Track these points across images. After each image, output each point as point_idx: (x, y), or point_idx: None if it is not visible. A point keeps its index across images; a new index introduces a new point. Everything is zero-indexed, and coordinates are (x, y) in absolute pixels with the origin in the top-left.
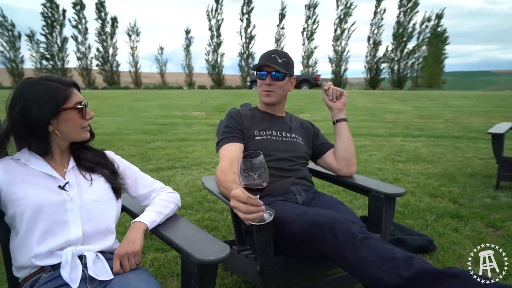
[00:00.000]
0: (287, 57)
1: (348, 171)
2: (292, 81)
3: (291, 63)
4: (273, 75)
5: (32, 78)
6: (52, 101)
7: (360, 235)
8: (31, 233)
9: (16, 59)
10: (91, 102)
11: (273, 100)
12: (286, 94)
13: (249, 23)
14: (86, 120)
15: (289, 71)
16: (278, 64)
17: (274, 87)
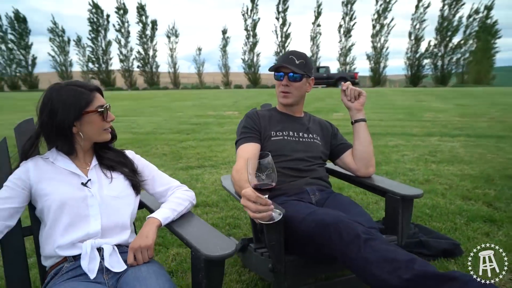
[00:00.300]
0: (305, 58)
1: (366, 171)
2: (310, 82)
3: (309, 64)
4: (290, 76)
5: (59, 83)
6: (76, 105)
7: (364, 236)
8: (56, 225)
9: (65, 63)
10: (131, 102)
11: (290, 101)
12: (304, 95)
13: (285, 22)
14: (107, 123)
15: (306, 72)
16: (296, 65)
17: (291, 88)
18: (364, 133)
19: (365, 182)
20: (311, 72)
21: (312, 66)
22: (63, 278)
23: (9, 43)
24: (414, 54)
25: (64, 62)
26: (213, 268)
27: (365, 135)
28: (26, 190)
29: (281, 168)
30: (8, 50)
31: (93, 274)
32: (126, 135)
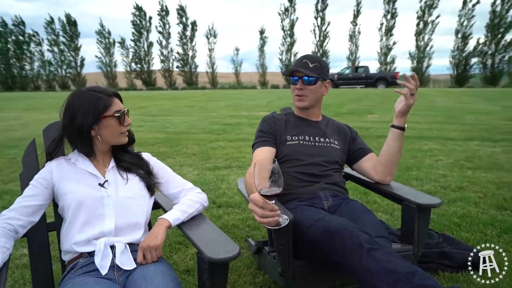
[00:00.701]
0: (319, 61)
1: (383, 178)
2: (326, 85)
3: (324, 67)
4: (304, 80)
5: (80, 89)
6: (94, 110)
7: (367, 245)
8: (74, 223)
9: (110, 64)
10: (168, 102)
11: (305, 104)
12: (320, 98)
13: (323, 21)
14: (124, 127)
15: (321, 75)
16: (310, 68)
17: (306, 91)
18: (395, 142)
19: (382, 188)
20: (326, 75)
21: (327, 69)
22: (78, 272)
23: (60, 45)
24: (461, 53)
25: (109, 63)
26: (216, 270)
27: (396, 143)
28: (49, 189)
29: (295, 172)
30: (60, 52)
31: (105, 271)
32: (160, 134)
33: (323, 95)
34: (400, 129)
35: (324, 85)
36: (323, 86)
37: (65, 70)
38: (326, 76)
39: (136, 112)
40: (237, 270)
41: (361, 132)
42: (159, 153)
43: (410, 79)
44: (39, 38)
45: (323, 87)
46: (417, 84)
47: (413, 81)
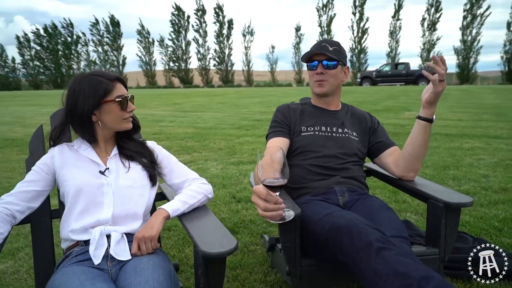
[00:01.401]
0: (338, 45)
1: (406, 174)
2: (345, 70)
3: (343, 51)
4: (324, 64)
5: (82, 73)
6: (94, 94)
7: (377, 244)
8: (72, 210)
9: (150, 62)
10: (202, 99)
11: (326, 90)
12: (340, 85)
13: (362, 16)
14: (127, 112)
15: (341, 59)
16: (329, 51)
17: (326, 76)
18: (421, 135)
19: (406, 185)
20: (345, 60)
21: (346, 55)
22: (71, 261)
23: (104, 45)
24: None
25: (149, 62)
26: (211, 265)
27: (421, 136)
28: (50, 175)
29: (309, 165)
30: (104, 52)
31: (98, 260)
32: (189, 129)
33: (343, 82)
34: (427, 121)
35: (343, 71)
36: (343, 72)
37: (108, 69)
38: (345, 61)
39: (170, 108)
40: (249, 266)
41: (396, 129)
42: (186, 147)
43: (440, 62)
44: (85, 39)
45: (342, 72)
46: (443, 68)
47: (443, 65)
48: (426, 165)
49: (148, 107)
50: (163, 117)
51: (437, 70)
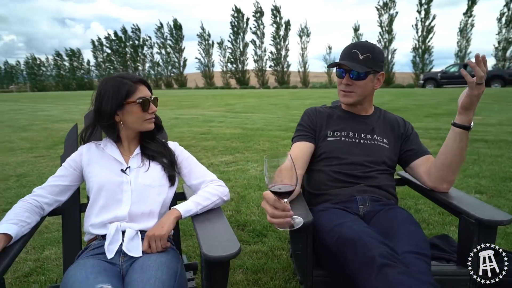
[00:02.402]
0: (371, 51)
1: (439, 186)
2: (379, 77)
3: (378, 57)
4: (352, 74)
5: (109, 75)
6: (118, 95)
7: (380, 260)
8: (93, 205)
9: (208, 64)
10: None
11: (352, 100)
12: (371, 93)
13: (428, 14)
14: (148, 114)
15: (373, 67)
16: (359, 60)
17: (353, 87)
18: (455, 143)
19: (437, 197)
20: (379, 66)
21: (382, 59)
22: (88, 254)
23: (168, 48)
24: None
25: (207, 63)
26: (214, 268)
27: (456, 145)
28: (77, 171)
29: (333, 172)
30: (167, 54)
31: (111, 255)
32: (237, 130)
33: (375, 89)
34: (463, 128)
35: (376, 78)
36: (375, 79)
37: (170, 70)
38: (379, 68)
39: (222, 108)
40: (271, 271)
41: None
42: (230, 147)
43: (481, 63)
44: (151, 42)
45: (375, 80)
46: (484, 70)
47: (484, 66)
48: (483, 175)
49: (201, 107)
50: (214, 118)
51: (476, 71)
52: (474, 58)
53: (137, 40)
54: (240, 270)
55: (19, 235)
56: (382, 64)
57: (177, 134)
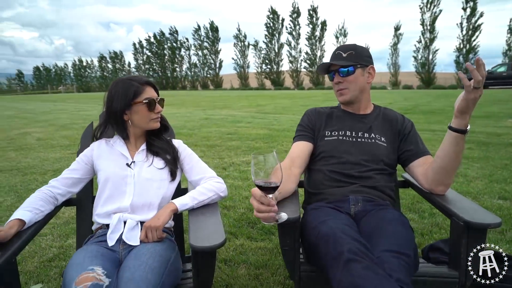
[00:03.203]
0: (353, 48)
1: (434, 188)
2: (369, 71)
3: (361, 52)
4: (341, 72)
5: (120, 77)
6: (126, 96)
7: (348, 255)
8: (100, 196)
9: (244, 65)
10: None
11: (348, 97)
12: (364, 88)
13: (474, 12)
14: (154, 113)
15: (359, 61)
16: (344, 58)
17: (345, 84)
18: (451, 146)
19: (433, 198)
20: (366, 60)
21: (367, 54)
22: (93, 240)
23: (204, 49)
24: None
25: (243, 64)
26: (200, 258)
27: (452, 148)
28: (88, 165)
29: (329, 171)
30: (203, 56)
31: (112, 242)
32: (263, 130)
33: (369, 83)
34: (459, 132)
35: (367, 72)
36: (366, 73)
37: (206, 71)
38: (366, 62)
39: (252, 109)
40: (273, 267)
41: (488, 138)
42: (254, 148)
43: (481, 67)
44: (188, 44)
45: (365, 74)
46: (483, 74)
47: (483, 71)
48: (511, 181)
49: (232, 108)
50: (243, 118)
51: (474, 74)
52: (475, 62)
53: (175, 42)
54: (244, 265)
55: (32, 221)
56: (369, 59)
57: (205, 134)
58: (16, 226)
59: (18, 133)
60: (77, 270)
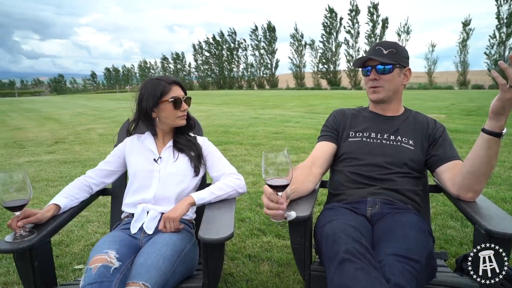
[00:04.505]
0: (395, 46)
1: (463, 194)
2: (406, 72)
3: (402, 52)
4: (378, 69)
5: (149, 77)
6: (154, 94)
7: (343, 255)
8: (129, 188)
9: (300, 65)
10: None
11: (381, 96)
12: (398, 89)
13: None
14: (180, 111)
15: (398, 61)
16: (384, 55)
17: (381, 82)
18: (483, 150)
19: (459, 204)
20: (405, 61)
21: (406, 55)
22: (120, 227)
23: (261, 49)
24: None
25: (299, 64)
26: (209, 250)
27: (484, 152)
28: (121, 159)
29: (350, 172)
30: (260, 56)
31: (134, 230)
32: (309, 130)
33: (403, 85)
34: (492, 135)
35: (403, 73)
36: (402, 74)
37: (263, 71)
38: (404, 63)
39: (303, 109)
40: (295, 266)
41: None
42: (298, 147)
43: None
44: (245, 44)
45: (401, 75)
46: None
47: None
48: None
49: (283, 107)
50: (291, 118)
51: (509, 72)
52: (509, 59)
53: (233, 43)
54: (267, 262)
55: (67, 206)
56: (407, 60)
57: (251, 132)
58: (52, 210)
59: (84, 129)
60: (95, 252)
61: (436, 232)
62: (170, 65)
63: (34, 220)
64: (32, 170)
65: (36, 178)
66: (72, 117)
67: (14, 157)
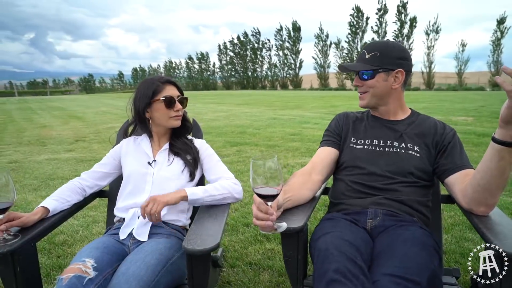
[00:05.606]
0: (381, 49)
1: (475, 208)
2: (396, 75)
3: (390, 53)
4: (360, 75)
5: (144, 78)
6: (146, 94)
7: (332, 275)
8: (122, 191)
9: (324, 65)
10: None
11: (365, 102)
12: (389, 93)
13: None
14: (174, 111)
15: (382, 65)
16: (365, 60)
17: (365, 87)
18: (493, 161)
19: (471, 218)
20: (392, 63)
21: (397, 56)
22: (109, 232)
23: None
24: None
25: (323, 64)
26: (194, 261)
27: (494, 164)
28: (116, 161)
29: (351, 182)
30: (284, 56)
31: (123, 236)
32: None
33: (394, 88)
34: (503, 144)
35: (393, 76)
36: (390, 78)
37: (286, 71)
38: (392, 65)
39: (324, 110)
40: None
41: None
42: (313, 150)
43: None
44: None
45: (390, 78)
46: None
47: None
48: None
49: (303, 108)
50: (310, 119)
51: (504, 87)
52: (503, 71)
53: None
54: (268, 271)
55: (57, 209)
56: (399, 61)
57: (268, 134)
58: (40, 213)
59: (106, 127)
60: (74, 260)
61: (452, 245)
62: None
63: (18, 224)
64: (50, 168)
65: (52, 176)
66: (96, 115)
67: (34, 155)
